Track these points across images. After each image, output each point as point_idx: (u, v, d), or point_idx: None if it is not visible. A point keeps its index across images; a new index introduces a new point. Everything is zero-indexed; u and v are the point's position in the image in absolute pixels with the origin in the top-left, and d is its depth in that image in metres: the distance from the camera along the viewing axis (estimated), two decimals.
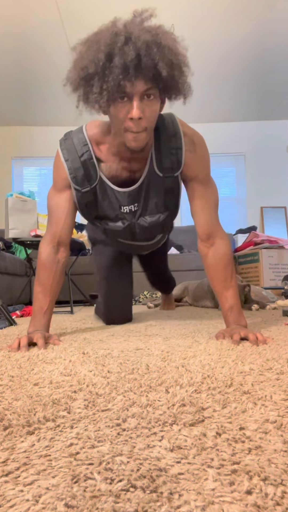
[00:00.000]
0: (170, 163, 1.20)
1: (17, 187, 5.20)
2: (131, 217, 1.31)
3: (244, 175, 5.25)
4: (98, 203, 1.26)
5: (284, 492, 0.32)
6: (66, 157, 1.21)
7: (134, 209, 1.29)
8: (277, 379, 0.67)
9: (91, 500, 0.31)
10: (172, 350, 0.98)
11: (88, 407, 0.55)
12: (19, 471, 0.37)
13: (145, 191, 1.25)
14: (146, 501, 0.31)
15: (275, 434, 0.44)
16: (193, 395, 0.59)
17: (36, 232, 2.60)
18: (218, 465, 0.37)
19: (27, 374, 0.76)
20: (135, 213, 1.30)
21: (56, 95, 4.39)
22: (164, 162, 1.20)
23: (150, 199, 1.27)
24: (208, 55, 3.72)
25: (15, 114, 4.85)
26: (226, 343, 1.06)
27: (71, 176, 1.21)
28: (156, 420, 0.49)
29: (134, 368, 0.78)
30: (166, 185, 1.24)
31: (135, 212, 1.29)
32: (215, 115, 5.03)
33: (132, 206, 1.27)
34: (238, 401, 0.56)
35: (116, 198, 1.25)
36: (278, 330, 1.35)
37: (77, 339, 1.26)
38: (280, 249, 3.90)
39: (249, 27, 3.33)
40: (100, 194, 1.24)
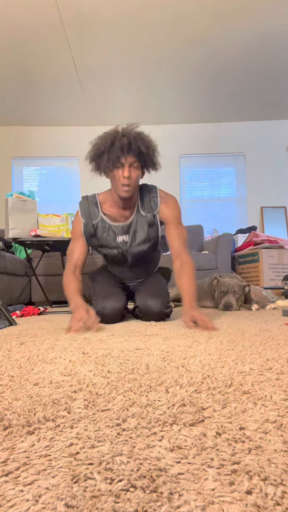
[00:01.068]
0: (149, 205, 1.85)
1: (17, 187, 5.20)
2: (124, 246, 1.85)
3: (244, 175, 5.25)
4: (98, 234, 1.85)
5: (284, 492, 0.32)
6: (82, 213, 1.86)
7: (126, 239, 1.85)
8: (277, 379, 0.67)
9: (91, 500, 0.31)
10: (172, 350, 0.98)
11: (88, 407, 0.55)
12: (19, 471, 0.37)
13: (134, 226, 1.85)
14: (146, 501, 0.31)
15: (275, 434, 0.44)
16: (193, 395, 0.59)
17: (36, 232, 2.60)
18: (218, 465, 0.37)
19: (27, 374, 0.76)
20: (127, 243, 1.85)
21: (56, 95, 4.40)
22: (146, 205, 1.85)
23: (138, 232, 1.85)
24: (208, 55, 3.72)
25: (15, 114, 4.85)
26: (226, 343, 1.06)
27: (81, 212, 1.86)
28: (156, 420, 0.49)
29: (134, 368, 0.78)
30: (148, 220, 1.84)
31: (127, 242, 1.85)
32: (215, 115, 5.03)
33: (124, 237, 1.85)
34: (238, 401, 0.56)
35: (113, 231, 1.84)
36: (278, 330, 1.35)
37: (77, 339, 1.26)
38: (280, 249, 3.90)
39: (249, 26, 3.32)
40: (101, 228, 1.84)
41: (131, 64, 3.84)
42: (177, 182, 5.17)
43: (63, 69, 3.89)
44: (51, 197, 5.20)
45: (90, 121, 5.06)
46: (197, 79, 4.14)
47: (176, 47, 3.59)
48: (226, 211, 5.28)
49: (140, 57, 3.73)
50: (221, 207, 5.28)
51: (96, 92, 4.36)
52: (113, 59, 3.76)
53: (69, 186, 5.26)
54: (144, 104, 4.69)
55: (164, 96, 4.49)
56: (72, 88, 4.26)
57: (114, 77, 4.08)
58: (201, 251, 4.23)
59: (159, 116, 5.01)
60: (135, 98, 4.53)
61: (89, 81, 4.14)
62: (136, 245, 1.85)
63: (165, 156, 4.64)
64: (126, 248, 1.85)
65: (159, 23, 3.25)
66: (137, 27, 3.28)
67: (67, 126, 5.18)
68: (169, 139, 5.19)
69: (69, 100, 4.53)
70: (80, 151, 5.19)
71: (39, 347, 1.09)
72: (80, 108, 4.72)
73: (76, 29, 3.28)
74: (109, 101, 4.59)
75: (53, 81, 4.11)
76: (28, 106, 4.66)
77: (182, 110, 4.89)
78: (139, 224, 1.84)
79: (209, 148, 5.24)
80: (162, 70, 3.95)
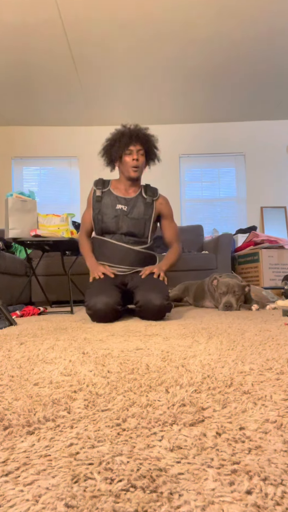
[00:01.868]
0: (151, 193, 2.27)
1: (17, 187, 5.20)
2: (121, 213, 2.17)
3: (244, 175, 5.24)
4: (103, 200, 2.21)
5: (284, 492, 0.32)
6: (95, 184, 2.27)
7: (124, 208, 2.18)
8: (277, 379, 0.67)
9: (91, 500, 0.31)
10: (172, 350, 0.98)
11: (88, 407, 0.55)
12: (19, 471, 0.37)
13: (133, 201, 2.21)
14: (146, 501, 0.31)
15: (275, 434, 0.44)
16: (193, 395, 0.59)
17: (36, 232, 2.60)
18: (218, 465, 0.37)
19: (27, 374, 0.76)
20: (124, 212, 2.17)
21: (56, 95, 4.40)
22: (148, 192, 2.27)
23: (135, 207, 2.20)
24: (208, 55, 3.72)
25: (15, 114, 4.84)
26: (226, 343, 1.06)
27: (94, 184, 2.28)
28: (156, 420, 0.49)
29: (134, 368, 0.78)
30: (146, 201, 2.23)
31: (124, 211, 2.17)
32: (215, 115, 5.03)
33: (123, 206, 2.19)
34: (238, 401, 0.56)
35: (116, 199, 2.21)
36: (278, 330, 1.35)
37: (77, 339, 1.26)
38: (280, 249, 3.90)
39: (249, 26, 3.32)
40: (106, 195, 2.22)
41: (131, 64, 3.84)
42: (177, 182, 5.16)
43: (63, 69, 3.89)
44: (51, 197, 5.19)
45: (90, 121, 5.06)
46: (197, 79, 4.14)
47: (176, 46, 3.59)
48: (226, 211, 5.27)
49: (140, 57, 3.73)
50: (221, 207, 5.28)
51: (96, 92, 4.36)
52: (113, 59, 3.76)
53: (69, 186, 5.26)
54: (144, 104, 4.69)
55: (164, 96, 4.49)
56: (72, 88, 4.26)
57: (114, 77, 4.08)
58: (201, 251, 4.22)
59: (159, 116, 5.01)
60: (135, 98, 4.52)
61: (89, 81, 4.14)
62: (131, 217, 2.17)
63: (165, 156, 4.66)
64: (122, 216, 2.16)
65: (159, 23, 3.25)
66: (137, 27, 3.28)
67: (67, 126, 5.18)
68: (169, 139, 5.19)
69: (69, 100, 4.53)
70: (80, 151, 5.20)
71: (39, 347, 1.09)
72: (80, 108, 4.72)
73: (76, 29, 3.28)
74: (109, 101, 4.59)
75: (53, 81, 4.11)
76: (28, 106, 4.66)
77: (182, 110, 4.89)
78: (138, 202, 2.21)
79: (209, 148, 5.24)
80: (162, 70, 3.95)
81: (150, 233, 2.21)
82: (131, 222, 2.15)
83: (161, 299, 1.85)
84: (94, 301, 1.83)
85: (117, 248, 2.15)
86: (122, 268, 2.14)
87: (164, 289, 1.96)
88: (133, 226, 2.15)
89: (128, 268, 2.15)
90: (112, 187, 2.25)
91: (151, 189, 2.27)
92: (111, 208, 2.17)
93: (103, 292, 1.88)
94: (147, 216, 2.19)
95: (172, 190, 5.01)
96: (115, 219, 2.15)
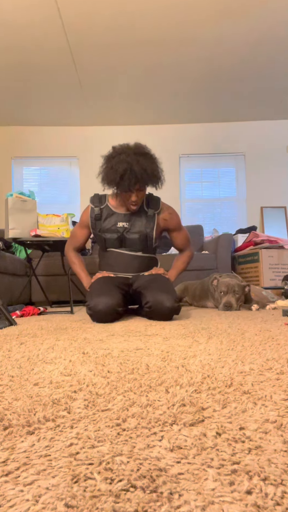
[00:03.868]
0: (153, 205, 2.17)
1: (17, 187, 5.20)
2: (123, 230, 2.12)
3: (244, 175, 5.24)
4: (103, 219, 2.14)
5: (284, 492, 0.32)
6: (92, 200, 2.18)
7: (125, 226, 2.12)
8: (277, 379, 0.67)
9: (91, 500, 0.31)
10: (172, 350, 0.98)
11: (88, 407, 0.55)
12: (19, 471, 0.37)
13: (134, 216, 2.14)
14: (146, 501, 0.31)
15: (275, 434, 0.44)
16: (193, 395, 0.59)
17: (36, 232, 2.60)
18: (218, 465, 0.37)
19: (27, 374, 0.76)
20: (125, 229, 2.12)
21: (56, 96, 4.39)
22: (151, 204, 2.17)
23: (137, 222, 2.13)
24: (208, 55, 3.72)
25: (15, 114, 4.84)
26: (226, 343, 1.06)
27: (91, 201, 2.18)
28: (156, 420, 0.49)
29: (134, 368, 0.78)
30: (148, 214, 2.15)
31: (126, 228, 2.12)
32: (215, 115, 5.03)
33: (124, 223, 2.12)
34: (238, 401, 0.56)
35: (115, 217, 2.13)
36: (278, 330, 1.35)
37: (77, 339, 1.26)
38: (280, 249, 3.90)
39: (249, 26, 3.32)
40: (105, 213, 2.14)
41: (131, 64, 3.84)
42: (177, 182, 5.16)
43: (63, 69, 3.89)
44: (51, 197, 5.19)
45: (90, 121, 5.06)
46: (197, 79, 4.14)
47: (176, 47, 3.59)
48: (226, 211, 5.27)
49: (140, 57, 3.73)
50: (221, 207, 5.28)
51: (96, 92, 4.36)
52: (113, 59, 3.76)
53: (69, 186, 5.26)
54: (144, 104, 4.69)
55: (164, 96, 4.49)
56: (72, 88, 4.26)
57: (114, 77, 4.08)
58: (201, 251, 4.23)
59: (159, 116, 5.01)
60: (135, 98, 4.52)
61: (89, 81, 4.14)
62: (133, 232, 2.11)
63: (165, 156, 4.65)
64: (124, 232, 2.11)
65: (159, 24, 3.25)
66: (137, 27, 3.28)
67: (67, 126, 5.18)
68: (169, 139, 5.19)
69: (69, 100, 4.53)
70: (80, 151, 5.20)
71: (39, 347, 1.09)
72: (80, 108, 4.71)
73: (76, 29, 3.28)
74: (109, 101, 4.59)
75: (53, 81, 4.11)
76: (28, 106, 4.66)
77: (182, 110, 4.88)
78: (139, 216, 2.13)
79: (209, 148, 5.24)
80: (162, 70, 3.94)
81: (152, 245, 2.18)
82: (134, 237, 2.11)
83: (172, 301, 1.84)
84: (95, 302, 1.82)
85: (122, 257, 2.14)
86: (127, 275, 2.15)
87: (173, 290, 1.96)
88: (137, 240, 2.12)
89: (133, 275, 2.15)
90: (110, 203, 2.15)
91: (154, 201, 2.17)
92: (112, 228, 2.11)
93: (105, 293, 1.87)
94: (149, 229, 2.12)
95: (172, 190, 5.01)
96: (118, 237, 2.11)
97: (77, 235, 2.25)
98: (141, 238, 2.11)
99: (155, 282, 1.99)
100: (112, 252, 2.15)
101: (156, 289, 1.90)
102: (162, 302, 1.83)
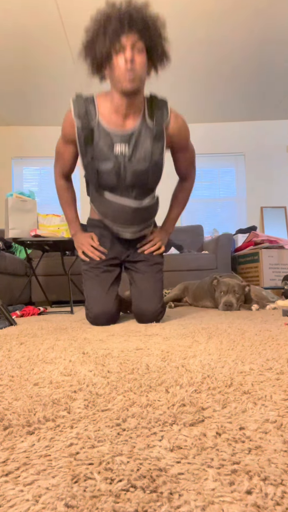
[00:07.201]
0: (159, 114, 1.55)
1: (17, 187, 5.19)
2: (122, 158, 1.55)
3: (244, 175, 5.24)
4: (95, 140, 1.54)
5: (284, 492, 0.32)
6: (76, 113, 1.56)
7: (125, 151, 1.55)
8: (277, 379, 0.67)
9: (91, 500, 0.31)
10: (172, 350, 0.98)
11: (88, 407, 0.55)
12: (19, 471, 0.37)
13: (136, 137, 1.54)
14: (146, 501, 0.31)
15: (275, 434, 0.44)
16: (193, 395, 0.59)
17: (36, 232, 2.60)
18: (218, 465, 0.37)
19: (27, 374, 0.76)
20: (125, 156, 1.55)
21: (56, 95, 4.39)
22: (156, 113, 1.55)
23: (140, 145, 1.55)
24: (208, 55, 3.72)
25: (15, 114, 4.84)
26: (226, 343, 1.06)
27: (75, 112, 1.55)
28: (156, 420, 0.49)
29: (134, 368, 0.78)
30: (155, 133, 1.55)
31: (125, 155, 1.55)
32: (215, 115, 5.03)
33: (123, 146, 1.54)
34: (238, 401, 0.56)
35: (111, 137, 1.54)
36: (278, 330, 1.35)
37: (77, 339, 1.26)
38: (280, 249, 3.90)
39: (249, 26, 3.32)
40: (97, 132, 1.53)
41: None
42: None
43: (63, 69, 3.89)
44: (51, 197, 5.19)
45: None
46: (197, 79, 4.14)
47: (176, 47, 3.59)
48: (226, 211, 5.27)
49: None
50: (221, 207, 5.28)
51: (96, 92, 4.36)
52: None
53: None
54: None
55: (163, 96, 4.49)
56: (72, 88, 4.26)
57: None
58: (201, 251, 4.23)
59: None
60: None
61: (89, 81, 4.14)
62: (137, 161, 1.57)
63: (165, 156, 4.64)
64: (124, 162, 1.56)
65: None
66: None
67: None
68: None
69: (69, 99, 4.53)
70: None
71: (39, 347, 1.09)
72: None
73: (76, 29, 3.28)
74: None
75: (53, 81, 4.11)
76: (28, 106, 4.66)
77: (182, 110, 4.86)
78: (142, 136, 1.55)
79: (209, 148, 5.24)
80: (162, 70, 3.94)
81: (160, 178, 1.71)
82: (137, 170, 1.58)
83: (154, 308, 1.76)
84: (94, 313, 1.74)
85: (122, 209, 1.68)
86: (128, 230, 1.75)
87: (158, 293, 1.82)
88: (140, 174, 1.59)
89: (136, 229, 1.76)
90: (101, 116, 1.55)
91: (159, 106, 1.57)
92: (106, 153, 1.55)
93: (103, 303, 1.76)
94: (156, 156, 1.58)
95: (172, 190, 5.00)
96: (114, 169, 1.57)
97: (62, 153, 1.71)
98: (145, 170, 1.58)
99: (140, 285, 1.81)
100: (110, 202, 1.67)
101: (139, 297, 1.79)
102: (143, 311, 1.76)
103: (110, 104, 1.55)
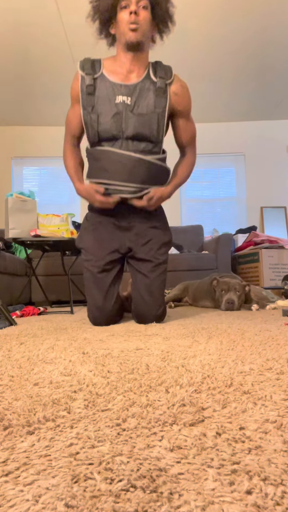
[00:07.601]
0: (163, 72, 1.65)
1: (17, 187, 5.19)
2: (123, 107, 1.60)
3: (244, 175, 5.24)
4: (97, 90, 1.61)
5: (284, 492, 0.32)
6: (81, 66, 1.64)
7: (127, 101, 1.60)
8: (277, 379, 0.67)
9: (91, 500, 0.31)
10: (172, 350, 0.98)
11: (88, 407, 0.55)
12: (19, 471, 0.37)
13: (139, 89, 1.61)
14: (146, 501, 0.31)
15: (275, 434, 0.44)
16: (193, 395, 0.59)
17: (36, 232, 2.60)
18: (218, 465, 0.37)
19: (27, 374, 0.76)
20: (127, 106, 1.60)
21: (56, 95, 4.39)
22: (159, 71, 1.65)
23: (143, 97, 1.61)
24: (208, 55, 3.72)
25: (15, 114, 4.85)
26: (226, 343, 1.06)
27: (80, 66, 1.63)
28: (156, 420, 0.49)
29: (134, 368, 0.78)
30: (157, 87, 1.61)
31: (128, 105, 1.60)
32: (215, 115, 5.03)
33: (126, 98, 1.60)
34: (238, 401, 0.56)
35: (113, 88, 1.60)
36: (278, 330, 1.35)
37: (77, 339, 1.26)
38: (280, 249, 3.90)
39: (249, 26, 3.32)
40: (99, 84, 1.61)
41: None
42: None
43: (63, 69, 3.89)
44: (51, 197, 5.19)
45: None
46: (197, 79, 4.14)
47: (176, 46, 3.59)
48: (226, 211, 5.27)
49: None
50: (221, 207, 5.28)
51: None
52: None
53: (69, 186, 5.23)
54: None
55: None
56: None
57: None
58: (201, 251, 4.23)
59: None
60: None
61: None
62: (138, 112, 1.59)
63: None
64: (126, 112, 1.59)
65: None
66: None
67: None
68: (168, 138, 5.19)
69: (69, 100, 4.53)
70: None
71: (39, 347, 1.09)
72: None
73: (76, 29, 3.28)
74: None
75: (53, 81, 4.11)
76: (28, 106, 4.66)
77: None
78: (145, 88, 1.62)
79: (209, 148, 5.24)
80: None
81: (163, 135, 1.69)
82: (139, 120, 1.59)
83: (154, 314, 1.73)
84: (94, 315, 1.74)
85: (123, 160, 1.61)
86: (129, 187, 1.65)
87: (160, 298, 1.76)
88: (141, 125, 1.60)
89: (137, 187, 1.66)
90: (106, 70, 1.63)
91: (163, 68, 1.67)
92: (108, 102, 1.60)
93: (101, 306, 1.72)
94: (160, 109, 1.61)
95: None
96: (115, 117, 1.58)
97: (70, 118, 1.78)
98: (147, 121, 1.59)
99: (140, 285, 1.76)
100: (109, 152, 1.62)
101: (140, 299, 1.74)
102: (144, 314, 1.74)
103: (115, 62, 1.66)
